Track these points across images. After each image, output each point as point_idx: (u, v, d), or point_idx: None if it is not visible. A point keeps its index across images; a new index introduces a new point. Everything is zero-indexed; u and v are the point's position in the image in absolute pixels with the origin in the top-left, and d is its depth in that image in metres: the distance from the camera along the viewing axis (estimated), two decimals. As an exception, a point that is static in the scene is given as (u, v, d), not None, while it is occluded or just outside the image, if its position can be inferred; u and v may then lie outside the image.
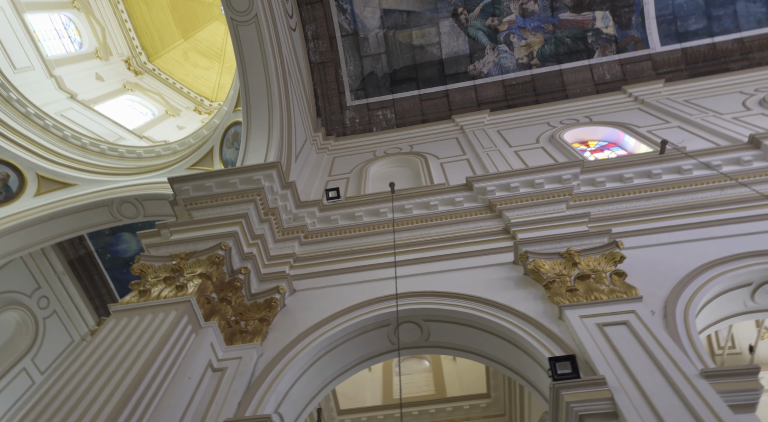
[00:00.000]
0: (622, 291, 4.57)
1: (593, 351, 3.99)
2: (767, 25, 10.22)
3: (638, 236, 5.53)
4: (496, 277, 5.35)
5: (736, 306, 4.77)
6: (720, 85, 9.50)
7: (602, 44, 10.70)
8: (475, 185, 6.58)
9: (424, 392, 9.82)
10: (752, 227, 5.26)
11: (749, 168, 6.06)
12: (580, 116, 9.58)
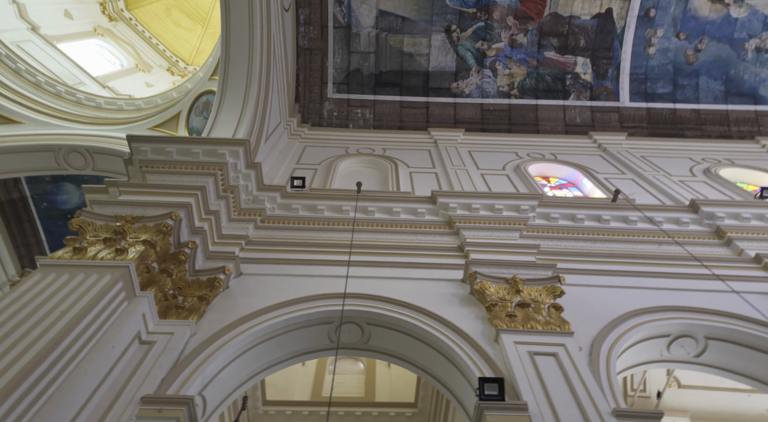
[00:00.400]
0: (556, 324, 4.82)
1: (521, 377, 4.18)
2: (722, 103, 11.17)
3: (579, 274, 5.85)
4: (443, 292, 5.48)
5: (653, 354, 5.16)
6: (673, 149, 10.26)
7: (578, 89, 11.27)
8: (439, 199, 6.72)
9: (354, 394, 9.86)
10: (679, 283, 5.71)
11: (686, 229, 6.59)
12: (546, 151, 10.02)
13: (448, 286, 5.59)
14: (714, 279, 5.63)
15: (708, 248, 6.33)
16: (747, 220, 6.51)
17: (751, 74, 11.33)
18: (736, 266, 5.95)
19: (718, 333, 4.97)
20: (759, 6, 11.00)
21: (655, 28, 11.12)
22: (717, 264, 5.95)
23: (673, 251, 6.22)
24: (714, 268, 5.85)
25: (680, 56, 11.28)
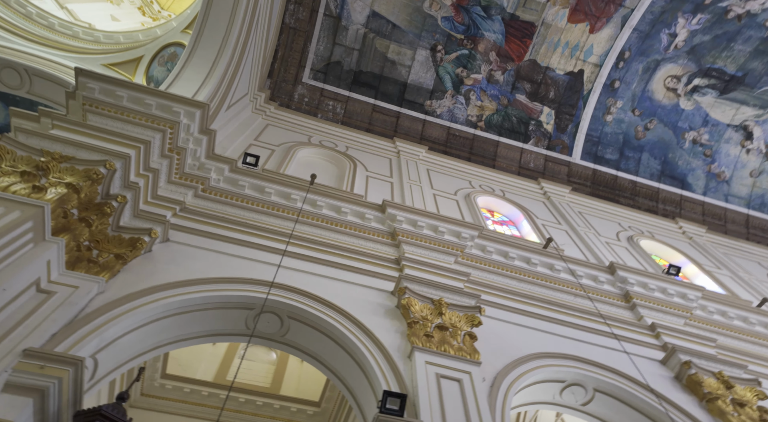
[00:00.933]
0: (468, 352, 5.03)
1: (423, 397, 4.32)
2: (656, 181, 12.31)
3: (499, 309, 6.17)
4: (372, 300, 5.54)
5: (547, 396, 5.54)
6: (607, 212, 11.13)
7: (538, 136, 11.93)
8: (389, 209, 6.80)
9: (260, 382, 9.63)
10: (583, 335, 6.19)
11: (600, 287, 7.16)
12: (497, 187, 10.48)
13: (377, 295, 5.66)
14: (612, 338, 6.16)
15: (614, 309, 6.92)
16: (652, 291, 7.20)
17: (684, 162, 12.61)
18: (633, 330, 6.55)
19: (604, 387, 5.43)
20: (703, 104, 12.29)
21: (616, 98, 12.05)
22: (618, 325, 6.51)
23: (584, 305, 6.73)
24: (614, 327, 6.40)
25: (631, 130, 12.30)
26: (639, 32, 11.38)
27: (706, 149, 12.65)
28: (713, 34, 11.42)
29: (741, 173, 12.84)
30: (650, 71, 11.93)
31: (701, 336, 6.67)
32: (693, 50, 11.65)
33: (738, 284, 9.18)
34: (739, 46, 11.55)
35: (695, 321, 7.13)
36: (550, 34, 11.40)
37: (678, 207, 12.19)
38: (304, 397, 9.60)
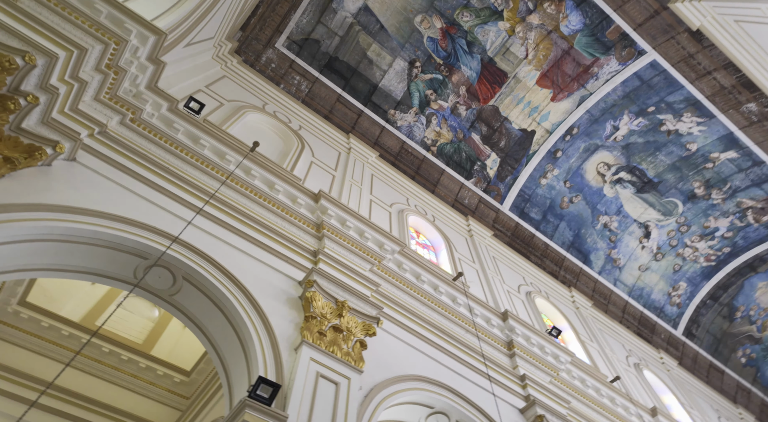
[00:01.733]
0: (354, 358, 5.06)
1: (297, 392, 4.25)
2: (565, 249, 13.47)
3: (396, 325, 6.30)
4: (277, 284, 5.39)
5: (413, 418, 5.73)
6: (517, 264, 11.94)
7: (480, 177, 12.55)
8: (322, 201, 6.69)
9: (132, 336, 8.86)
10: (462, 369, 6.51)
11: (490, 330, 7.61)
12: (429, 212, 10.81)
13: (284, 281, 5.52)
14: (485, 378, 6.56)
15: (496, 352, 7.38)
16: (532, 345, 7.81)
17: (592, 240, 13.96)
18: (506, 376, 7.03)
19: (462, 419, 5.74)
20: (621, 195, 13.76)
21: (554, 166, 13.08)
22: (494, 368, 6.96)
23: (471, 342, 7.10)
24: (491, 369, 6.83)
25: (558, 198, 13.39)
26: (590, 115, 12.50)
27: (612, 235, 14.13)
28: (646, 139, 12.87)
29: (632, 265, 14.50)
30: (589, 152, 13.11)
31: (559, 396, 7.33)
32: (627, 147, 13.03)
33: (602, 358, 10.27)
34: (662, 156, 13.12)
35: (559, 381, 7.83)
36: (517, 89, 12.11)
37: (576, 278, 13.43)
38: (176, 363, 9.02)
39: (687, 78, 11.45)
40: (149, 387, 8.74)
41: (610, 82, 11.94)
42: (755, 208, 13.92)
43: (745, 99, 11.33)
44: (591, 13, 10.86)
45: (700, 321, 15.56)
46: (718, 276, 15.35)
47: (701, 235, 14.62)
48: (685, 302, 15.30)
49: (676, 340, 14.91)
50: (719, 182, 13.45)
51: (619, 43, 11.29)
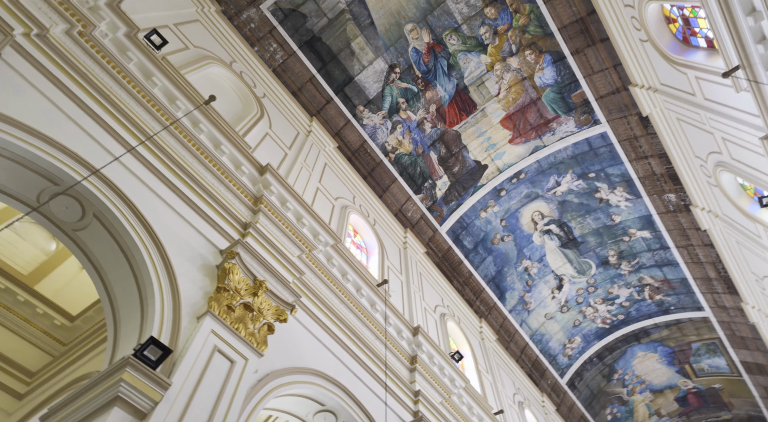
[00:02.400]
0: (258, 341, 4.86)
1: (188, 361, 3.98)
2: (487, 282, 14.07)
3: (309, 316, 6.16)
4: (196, 247, 5.07)
5: (301, 411, 5.61)
6: (439, 285, 12.27)
7: (427, 194, 12.81)
8: (268, 175, 6.43)
9: (17, 265, 7.83)
10: (362, 373, 6.51)
11: (399, 341, 7.71)
12: (372, 215, 10.82)
13: (205, 246, 5.20)
14: (382, 386, 6.61)
15: (399, 364, 7.47)
16: (433, 364, 8.01)
17: (512, 280, 14.73)
18: (402, 389, 7.13)
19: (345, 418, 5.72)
20: (546, 246, 14.68)
21: (496, 203, 13.68)
22: (393, 378, 7.03)
23: (378, 348, 7.13)
24: (390, 379, 6.89)
25: (492, 234, 14.01)
26: (539, 165, 13.26)
27: (530, 279, 15.01)
28: (581, 201, 13.88)
29: (540, 311, 15.47)
30: (529, 199, 13.89)
31: (446, 417, 7.55)
32: (563, 203, 13.96)
33: (492, 390, 10.78)
34: (590, 220, 14.21)
35: (449, 403, 8.08)
36: (482, 122, 12.58)
37: (488, 311, 14.06)
38: (61, 305, 8.12)
39: (628, 156, 12.51)
40: (23, 324, 7.80)
41: (564, 141, 12.75)
42: (652, 286, 15.46)
43: (668, 189, 12.58)
44: (564, 73, 11.58)
45: (583, 375, 16.91)
46: (608, 339, 16.81)
47: (604, 299, 15.96)
48: (575, 355, 16.56)
49: (560, 388, 16.06)
50: (630, 256, 14.78)
51: (581, 108, 12.11)
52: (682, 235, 13.36)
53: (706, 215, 11.66)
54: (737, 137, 8.13)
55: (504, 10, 10.85)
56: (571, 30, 10.68)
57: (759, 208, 9.71)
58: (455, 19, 10.95)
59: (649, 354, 17.36)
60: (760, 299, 12.47)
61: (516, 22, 11.09)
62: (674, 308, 15.77)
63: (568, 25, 10.63)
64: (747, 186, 9.93)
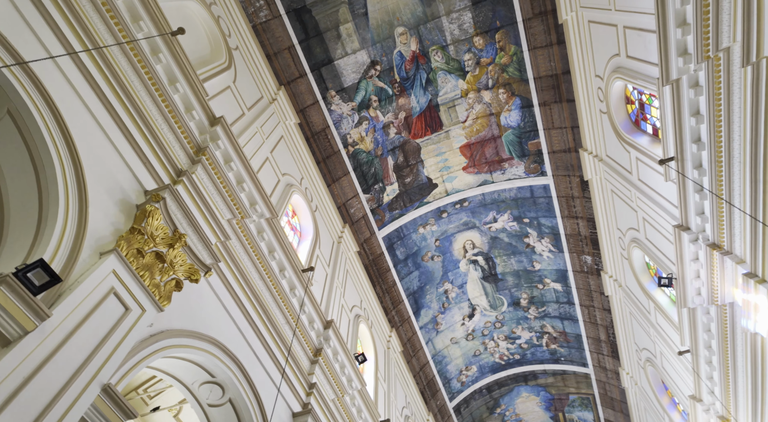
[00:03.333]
0: (161, 294, 4.50)
1: (76, 297, 3.58)
2: (406, 295, 14.28)
3: (223, 284, 5.84)
4: (120, 180, 4.62)
5: (188, 378, 5.26)
6: (362, 287, 12.25)
7: (375, 196, 12.82)
8: (218, 128, 6.03)
9: None
10: (262, 353, 6.27)
11: (307, 330, 7.54)
12: (316, 201, 10.59)
13: (130, 182, 4.75)
14: (280, 372, 6.40)
15: (302, 353, 7.29)
16: (335, 361, 7.94)
17: (430, 299, 15.11)
18: (299, 379, 6.96)
19: (238, 402, 5.47)
20: (470, 275, 15.25)
21: (436, 223, 14.02)
22: (293, 367, 6.84)
23: (286, 334, 6.91)
24: (289, 366, 6.69)
25: (424, 251, 14.29)
26: (483, 199, 13.82)
27: (447, 302, 15.49)
28: (510, 241, 14.62)
29: (448, 334, 15.97)
30: (466, 227, 14.39)
31: (334, 415, 7.47)
32: (495, 239, 14.63)
33: (384, 399, 10.88)
34: (513, 261, 14.99)
35: (340, 402, 8.01)
36: (443, 143, 12.89)
37: (401, 322, 14.26)
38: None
39: (561, 213, 13.38)
40: None
41: (511, 182, 13.40)
42: (551, 335, 16.58)
43: (587, 251, 13.62)
44: (527, 120, 12.21)
45: (470, 403, 17.65)
46: (500, 374, 17.73)
47: (507, 337, 16.84)
48: (468, 383, 17.26)
49: (446, 411, 16.61)
50: (539, 303, 15.77)
51: (533, 156, 12.82)
52: (588, 295, 14.48)
53: (611, 283, 12.74)
54: (655, 220, 8.97)
55: (491, 44, 11.26)
56: (544, 82, 11.31)
57: (655, 287, 10.79)
58: (445, 37, 11.17)
59: (532, 396, 18.53)
60: (634, 368, 13.81)
61: (499, 59, 11.55)
62: (564, 359, 17.00)
63: (543, 78, 11.25)
64: (651, 265, 10.96)
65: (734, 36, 5.04)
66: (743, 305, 6.67)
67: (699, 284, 7.47)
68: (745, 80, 5.25)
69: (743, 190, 5.93)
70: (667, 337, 10.16)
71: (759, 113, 5.23)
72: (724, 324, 7.38)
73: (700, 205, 6.88)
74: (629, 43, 7.69)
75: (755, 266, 6.21)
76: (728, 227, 6.45)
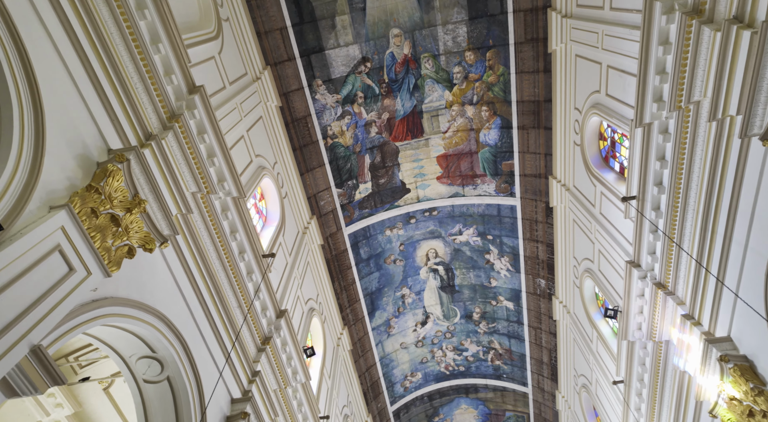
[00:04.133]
0: (111, 259, 4.29)
1: (17, 248, 3.36)
2: (364, 295, 14.29)
3: (178, 257, 5.63)
4: (84, 134, 4.37)
5: (126, 350, 5.01)
6: (321, 281, 12.13)
7: (347, 192, 12.76)
8: (196, 97, 5.82)
9: None
10: (208, 332, 6.09)
11: (259, 317, 7.39)
12: (287, 187, 10.43)
13: (94, 138, 4.51)
14: (225, 356, 6.23)
15: (250, 340, 7.13)
16: (283, 351, 7.82)
17: (386, 301, 15.18)
18: (243, 366, 6.79)
19: (175, 380, 5.27)
20: (429, 282, 15.43)
21: (403, 227, 14.10)
22: (239, 352, 6.68)
23: (237, 318, 6.75)
24: (234, 351, 6.53)
25: (388, 253, 14.35)
26: (452, 210, 14.03)
27: (403, 307, 15.59)
28: (472, 255, 14.91)
29: (399, 338, 16.08)
30: (432, 236, 14.55)
31: (273, 406, 7.34)
32: (457, 251, 14.87)
33: (326, 396, 10.80)
34: (472, 275, 15.29)
35: (282, 393, 7.89)
36: (421, 150, 13.00)
37: (355, 321, 14.23)
38: None
39: (524, 235, 13.75)
40: None
41: (480, 198, 13.67)
42: (497, 351, 17.00)
43: (542, 275, 14.06)
44: (505, 140, 12.50)
45: (410, 410, 17.80)
46: (443, 384, 17.99)
47: (455, 348, 17.13)
48: (411, 389, 17.41)
49: (386, 415, 16.68)
50: (490, 319, 16.14)
51: (505, 176, 13.13)
52: (537, 318, 14.94)
53: (561, 309, 13.20)
54: (610, 254, 9.37)
55: (481, 61, 11.47)
56: (526, 107, 11.62)
57: (601, 317, 11.26)
58: (438, 47, 11.29)
59: (470, 408, 18.90)
60: (570, 393, 14.35)
61: (486, 77, 11.77)
62: (506, 376, 17.45)
63: (526, 102, 11.56)
64: (600, 296, 11.43)
65: (705, 91, 5.34)
66: (677, 344, 7.07)
67: (641, 320, 7.85)
68: (709, 134, 5.58)
69: (693, 236, 6.30)
70: (604, 366, 10.63)
71: (716, 166, 5.57)
72: (657, 359, 7.80)
73: (652, 245, 7.24)
74: (610, 82, 8.02)
75: (693, 309, 6.60)
76: (675, 270, 6.82)
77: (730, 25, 4.66)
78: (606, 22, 7.51)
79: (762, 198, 5.00)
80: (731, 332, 5.92)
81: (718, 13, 4.96)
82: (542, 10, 9.75)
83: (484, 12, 10.48)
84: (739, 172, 5.22)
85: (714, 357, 5.96)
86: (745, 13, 4.62)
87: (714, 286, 6.09)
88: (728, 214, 5.54)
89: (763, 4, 4.40)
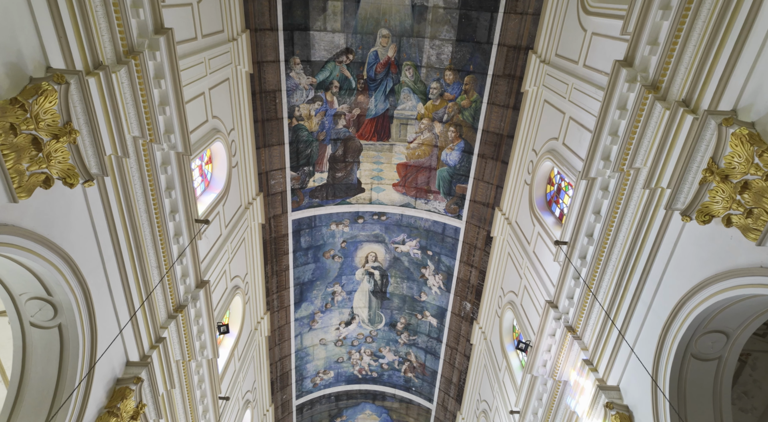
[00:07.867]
0: (23, 185, 3.94)
1: None
2: (294, 285, 14.03)
3: (101, 201, 5.25)
4: (24, 46, 3.97)
5: (17, 286, 4.57)
6: (254, 261, 11.77)
7: (301, 177, 12.54)
8: (162, 40, 5.47)
9: None
10: (119, 293, 5.69)
11: (177, 285, 7.03)
12: (240, 157, 10.05)
13: (33, 52, 4.12)
14: (130, 314, 5.86)
15: (162, 304, 6.76)
16: (195, 323, 7.49)
17: (316, 294, 15.04)
18: (149, 329, 6.43)
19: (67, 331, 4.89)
20: (362, 286, 15.46)
21: (349, 225, 14.06)
22: (147, 314, 6.31)
23: (153, 278, 6.38)
24: (142, 311, 6.17)
25: (329, 247, 14.22)
26: (400, 219, 14.19)
27: (330, 304, 15.49)
28: (409, 267, 15.12)
29: (319, 334, 15.94)
30: (376, 239, 14.62)
31: (171, 376, 6.99)
32: (396, 260, 15.03)
33: (231, 377, 10.43)
34: (404, 285, 15.51)
35: (183, 365, 7.53)
36: (384, 154, 13.07)
37: (279, 308, 13.93)
38: None
39: (461, 258, 14.11)
40: None
41: (429, 214, 13.93)
42: (412, 364, 17.29)
43: (470, 299, 14.52)
44: (463, 164, 12.82)
45: (315, 406, 17.63)
46: (353, 386, 18.02)
47: (373, 353, 17.23)
48: (321, 386, 17.28)
49: (289, 407, 16.42)
50: (413, 332, 16.41)
51: (456, 198, 13.47)
52: (456, 338, 15.38)
53: (479, 334, 13.66)
54: (533, 292, 9.85)
55: (458, 83, 11.74)
56: (489, 137, 12.00)
57: (513, 349, 11.77)
58: (422, 58, 11.44)
59: (374, 415, 19.04)
60: (470, 416, 14.85)
61: (460, 100, 12.06)
62: (415, 390, 17.78)
63: (491, 133, 11.95)
64: (516, 329, 11.97)
65: (646, 161, 5.76)
66: (573, 385, 7.53)
67: (547, 358, 8.30)
68: (641, 200, 6.03)
69: (609, 289, 6.75)
70: (506, 395, 11.10)
71: (641, 230, 6.02)
72: (554, 397, 8.26)
73: (572, 290, 7.69)
74: (569, 133, 8.48)
75: (594, 356, 7.07)
76: (586, 316, 7.28)
77: (678, 107, 5.06)
78: (577, 76, 7.94)
79: (671, 267, 5.46)
80: (621, 382, 6.39)
81: (671, 94, 5.38)
82: (524, 50, 10.16)
83: (471, 37, 10.75)
84: (658, 239, 5.67)
85: (602, 402, 6.39)
86: (692, 99, 5.05)
87: (615, 338, 6.55)
88: (641, 275, 5.99)
89: (708, 95, 4.84)
